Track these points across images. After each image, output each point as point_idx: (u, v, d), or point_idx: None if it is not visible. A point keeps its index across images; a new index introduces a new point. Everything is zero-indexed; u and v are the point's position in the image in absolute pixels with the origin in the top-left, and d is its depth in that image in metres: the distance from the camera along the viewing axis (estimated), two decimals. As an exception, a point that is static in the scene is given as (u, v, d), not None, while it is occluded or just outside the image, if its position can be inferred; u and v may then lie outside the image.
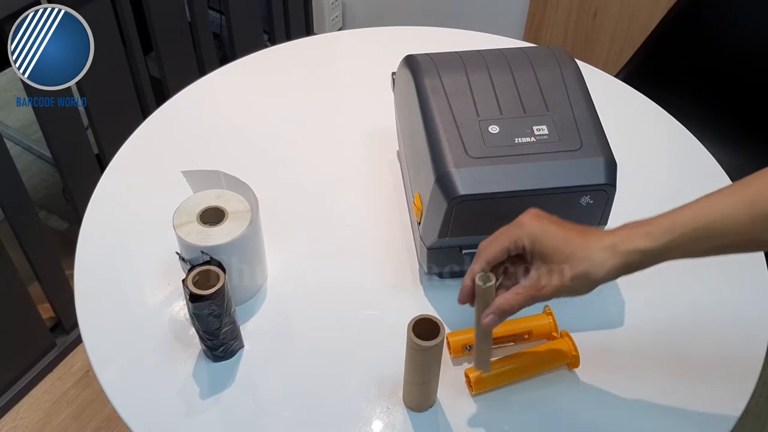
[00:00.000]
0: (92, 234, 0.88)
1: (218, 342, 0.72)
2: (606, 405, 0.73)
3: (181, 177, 0.79)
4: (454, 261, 0.80)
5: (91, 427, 1.47)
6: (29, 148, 1.98)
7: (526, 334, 0.77)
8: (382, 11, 2.26)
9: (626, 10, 1.80)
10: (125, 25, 1.41)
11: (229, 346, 0.74)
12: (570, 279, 0.59)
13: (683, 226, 0.57)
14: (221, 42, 1.95)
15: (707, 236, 0.57)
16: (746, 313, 0.82)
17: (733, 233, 0.56)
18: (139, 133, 1.03)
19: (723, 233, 0.56)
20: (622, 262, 0.58)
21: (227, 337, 0.73)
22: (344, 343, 0.78)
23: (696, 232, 0.57)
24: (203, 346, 0.74)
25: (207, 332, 0.71)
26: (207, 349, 0.74)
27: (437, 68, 0.79)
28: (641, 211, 0.93)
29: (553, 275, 0.59)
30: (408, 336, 0.63)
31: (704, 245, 0.57)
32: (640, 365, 0.77)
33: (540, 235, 0.60)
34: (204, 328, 0.70)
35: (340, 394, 0.73)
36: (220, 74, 1.15)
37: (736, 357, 0.77)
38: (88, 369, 1.55)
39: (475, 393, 0.73)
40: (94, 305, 0.80)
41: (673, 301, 0.83)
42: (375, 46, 1.23)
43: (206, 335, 0.71)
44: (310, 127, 1.06)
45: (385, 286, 0.83)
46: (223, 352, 0.74)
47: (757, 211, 0.55)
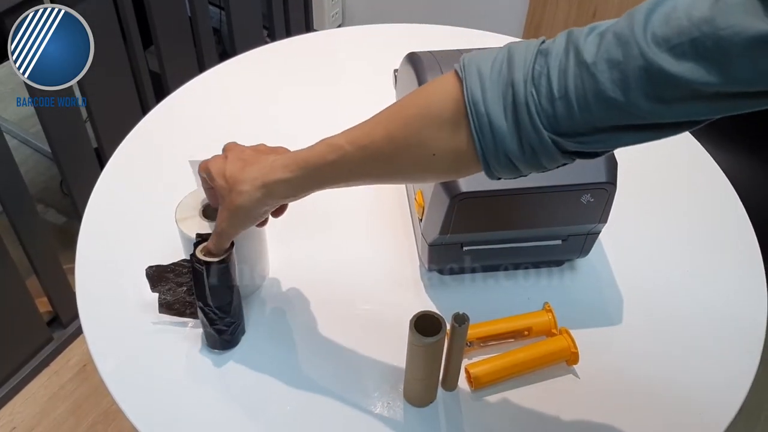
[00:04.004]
0: (93, 227, 0.88)
1: (229, 320, 0.72)
2: (604, 401, 0.74)
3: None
4: (455, 258, 0.80)
5: (87, 421, 1.47)
6: (26, 142, 1.97)
7: (525, 331, 0.77)
8: (381, 8, 2.26)
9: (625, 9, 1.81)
10: (126, 20, 1.41)
11: (238, 324, 0.74)
12: (230, 210, 0.64)
13: (313, 164, 0.60)
14: (221, 38, 1.94)
15: (333, 172, 0.59)
16: (744, 310, 0.82)
17: (349, 175, 0.59)
18: (139, 128, 1.03)
19: (344, 170, 0.59)
20: (268, 191, 0.62)
21: (237, 312, 0.73)
22: (345, 339, 0.78)
23: (320, 171, 0.59)
24: (211, 331, 0.73)
25: (219, 308, 0.71)
26: (215, 333, 0.73)
27: (440, 65, 0.79)
28: (641, 209, 0.94)
29: (221, 211, 0.66)
30: (410, 332, 0.64)
31: (333, 180, 0.61)
32: (638, 362, 0.77)
33: (217, 178, 0.65)
34: (217, 303, 0.70)
35: (342, 389, 0.73)
36: (220, 70, 1.15)
37: (733, 354, 0.78)
38: (86, 363, 1.55)
39: (475, 388, 0.73)
40: (94, 297, 0.80)
41: (671, 299, 0.84)
42: (374, 43, 1.23)
43: (218, 312, 0.71)
44: (310, 124, 1.06)
45: (386, 282, 0.84)
46: (232, 334, 0.74)
47: (367, 155, 0.57)
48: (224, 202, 0.65)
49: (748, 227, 0.92)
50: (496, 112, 0.50)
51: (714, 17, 0.40)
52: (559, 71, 0.47)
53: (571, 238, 0.80)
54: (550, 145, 0.49)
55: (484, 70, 0.51)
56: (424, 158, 0.55)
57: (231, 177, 0.64)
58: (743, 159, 1.32)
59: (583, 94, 0.46)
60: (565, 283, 0.85)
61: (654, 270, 0.87)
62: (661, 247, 0.90)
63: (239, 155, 0.66)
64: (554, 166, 0.52)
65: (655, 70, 0.43)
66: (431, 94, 0.55)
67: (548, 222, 0.78)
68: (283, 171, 0.61)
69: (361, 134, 0.58)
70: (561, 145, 0.49)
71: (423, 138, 0.54)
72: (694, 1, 0.42)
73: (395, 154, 0.56)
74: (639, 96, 0.44)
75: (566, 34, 0.48)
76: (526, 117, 0.49)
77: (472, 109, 0.50)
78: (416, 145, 0.54)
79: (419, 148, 0.54)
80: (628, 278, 0.85)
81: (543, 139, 0.49)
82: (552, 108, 0.48)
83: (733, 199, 0.96)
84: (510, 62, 0.50)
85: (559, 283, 0.85)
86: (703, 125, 0.47)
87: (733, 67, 0.41)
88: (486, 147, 0.51)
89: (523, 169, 0.52)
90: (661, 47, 0.43)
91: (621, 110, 0.46)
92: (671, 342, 0.79)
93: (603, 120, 0.47)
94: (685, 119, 0.46)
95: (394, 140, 0.55)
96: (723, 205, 0.95)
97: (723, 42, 0.40)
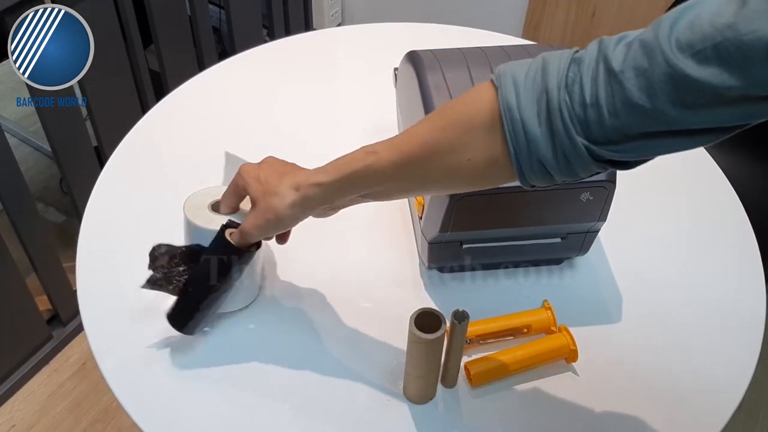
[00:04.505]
0: (94, 225, 0.88)
1: (196, 300, 0.72)
2: (603, 398, 0.74)
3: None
4: (455, 256, 0.81)
5: (87, 419, 1.47)
6: (26, 140, 1.97)
7: (525, 329, 0.77)
8: (380, 7, 2.26)
9: (625, 9, 1.81)
10: (126, 19, 1.41)
11: (194, 312, 0.73)
12: (262, 211, 0.66)
13: (349, 167, 0.61)
14: (220, 37, 1.95)
15: (366, 177, 0.61)
16: (743, 308, 0.83)
17: (383, 180, 0.60)
18: (139, 127, 1.03)
19: (377, 175, 0.60)
20: (302, 195, 0.64)
21: (207, 304, 0.73)
22: (345, 336, 0.78)
23: (356, 175, 0.61)
24: (182, 307, 0.72)
25: (204, 288, 0.71)
26: (184, 308, 0.72)
27: (440, 64, 0.79)
28: (640, 208, 0.95)
29: (252, 213, 0.68)
30: (410, 329, 0.64)
31: (366, 186, 0.62)
32: (636, 359, 0.78)
33: (250, 181, 0.68)
34: (210, 282, 0.71)
35: (341, 386, 0.74)
36: (220, 69, 1.16)
37: (732, 351, 0.78)
38: (85, 361, 1.55)
39: (475, 386, 0.74)
40: (95, 295, 0.81)
41: (671, 297, 0.84)
42: (373, 42, 1.23)
43: (199, 290, 0.72)
44: (309, 123, 1.06)
45: (385, 280, 0.84)
46: (183, 314, 0.73)
47: (403, 159, 0.58)
48: (257, 205, 0.67)
49: (746, 225, 0.92)
50: (530, 118, 0.50)
51: (737, 23, 0.41)
52: (591, 79, 0.48)
53: (570, 236, 0.80)
54: (583, 152, 0.50)
55: (518, 77, 0.52)
56: (458, 164, 0.55)
57: (266, 181, 0.66)
58: (742, 158, 1.32)
59: (612, 102, 0.47)
60: (565, 281, 0.85)
61: (653, 268, 0.87)
62: (660, 245, 0.90)
63: (276, 165, 0.68)
64: (587, 175, 0.53)
65: (680, 75, 0.44)
66: (467, 102, 0.55)
67: (548, 220, 0.78)
68: (318, 175, 0.63)
69: (398, 140, 0.59)
70: (594, 152, 0.50)
71: (458, 144, 0.55)
72: (718, 9, 0.43)
73: (429, 158, 0.57)
74: (665, 102, 0.45)
75: (597, 43, 0.49)
76: (559, 123, 0.49)
77: (506, 115, 0.51)
78: (450, 151, 0.55)
79: (454, 154, 0.55)
80: (628, 276, 0.86)
81: (576, 145, 0.49)
82: (584, 114, 0.48)
83: (732, 198, 0.96)
84: (544, 70, 0.51)
85: (559, 281, 0.85)
86: (734, 133, 0.48)
87: (756, 71, 0.41)
88: (520, 152, 0.52)
89: (556, 177, 0.52)
90: (684, 53, 0.43)
91: (648, 117, 0.46)
92: (670, 339, 0.80)
93: (632, 127, 0.48)
94: (712, 125, 0.46)
95: (429, 144, 0.56)
96: (722, 203, 0.96)
97: (745, 47, 0.41)
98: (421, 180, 0.60)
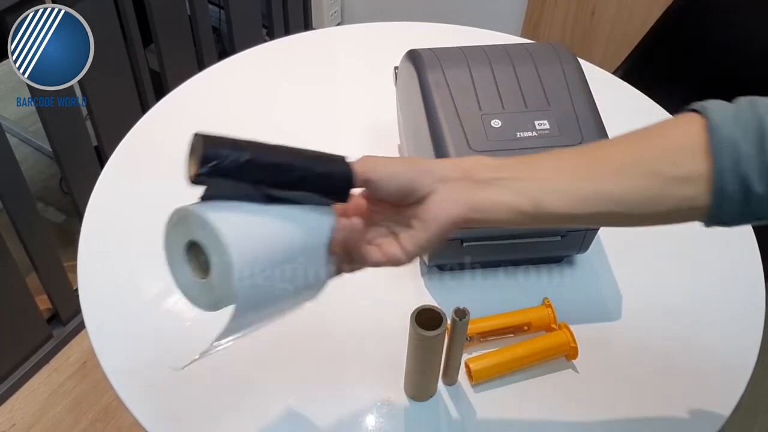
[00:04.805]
0: (95, 224, 0.88)
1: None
2: (603, 395, 0.74)
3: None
4: (455, 253, 0.81)
5: (87, 419, 1.47)
6: (26, 140, 1.98)
7: (525, 326, 0.78)
8: (380, 7, 2.26)
9: (624, 8, 1.82)
10: (126, 19, 1.41)
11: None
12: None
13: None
14: (220, 36, 1.95)
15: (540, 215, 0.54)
16: (742, 307, 0.83)
17: (559, 219, 0.55)
18: (139, 126, 1.03)
19: (552, 216, 0.54)
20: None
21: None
22: (345, 334, 0.78)
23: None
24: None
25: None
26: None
27: (440, 63, 0.80)
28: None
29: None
30: (411, 326, 0.64)
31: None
32: (636, 357, 0.78)
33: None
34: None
35: (342, 383, 0.74)
36: (219, 68, 1.16)
37: (731, 351, 0.78)
38: (85, 360, 1.55)
39: (475, 383, 0.74)
40: (96, 294, 0.81)
41: (670, 296, 0.84)
42: (373, 41, 1.23)
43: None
44: (309, 122, 1.06)
45: (386, 277, 0.84)
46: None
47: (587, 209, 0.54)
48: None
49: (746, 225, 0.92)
50: (740, 138, 0.50)
51: None
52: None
53: (570, 234, 0.80)
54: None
55: (726, 111, 0.52)
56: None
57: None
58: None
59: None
60: (565, 279, 0.85)
61: (652, 266, 0.88)
62: (659, 243, 0.90)
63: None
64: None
65: None
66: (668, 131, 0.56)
67: (547, 218, 0.78)
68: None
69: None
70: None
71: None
72: None
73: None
74: None
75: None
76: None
77: (713, 132, 0.51)
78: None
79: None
80: (627, 274, 0.86)
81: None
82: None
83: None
84: (753, 104, 0.51)
85: (559, 279, 0.85)
86: None
87: None
88: (723, 169, 0.50)
89: (753, 202, 0.50)
90: None
91: None
92: (669, 338, 0.80)
93: None
94: None
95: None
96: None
97: None
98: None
